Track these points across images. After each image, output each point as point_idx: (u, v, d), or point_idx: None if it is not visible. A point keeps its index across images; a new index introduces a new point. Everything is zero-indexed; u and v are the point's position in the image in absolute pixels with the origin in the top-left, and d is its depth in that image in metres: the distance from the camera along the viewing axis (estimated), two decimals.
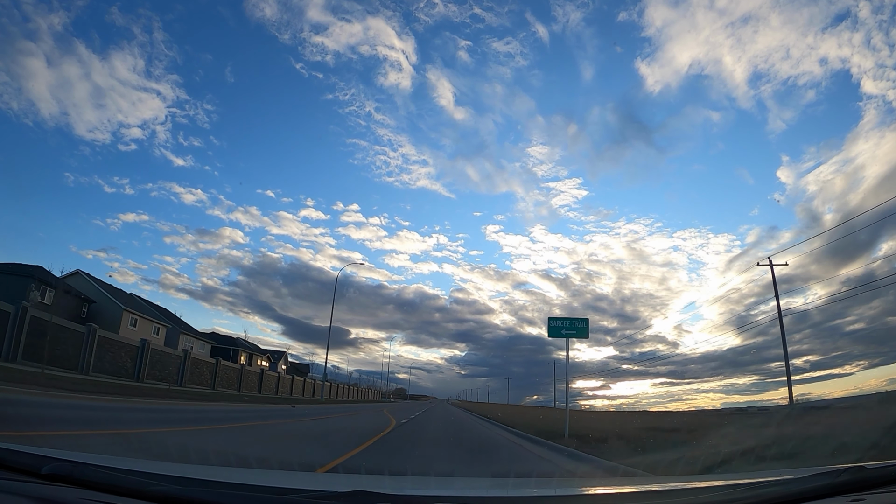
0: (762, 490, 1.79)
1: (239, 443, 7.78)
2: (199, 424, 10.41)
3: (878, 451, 5.78)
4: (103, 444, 5.83)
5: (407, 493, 1.99)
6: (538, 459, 8.72)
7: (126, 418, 10.31)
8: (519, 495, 2.27)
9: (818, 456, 6.11)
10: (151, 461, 2.70)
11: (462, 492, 2.34)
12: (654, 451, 8.31)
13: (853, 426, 8.75)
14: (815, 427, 9.64)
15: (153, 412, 12.88)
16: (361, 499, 1.56)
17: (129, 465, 1.84)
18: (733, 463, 6.01)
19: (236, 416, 14.67)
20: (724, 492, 1.93)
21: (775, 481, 1.86)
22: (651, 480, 3.82)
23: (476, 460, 8.01)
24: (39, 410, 9.28)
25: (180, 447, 6.11)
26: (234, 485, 1.80)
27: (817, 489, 1.66)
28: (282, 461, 5.31)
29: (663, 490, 2.25)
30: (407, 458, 7.59)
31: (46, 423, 7.36)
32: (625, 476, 5.74)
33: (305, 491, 1.69)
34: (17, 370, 16.27)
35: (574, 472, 6.95)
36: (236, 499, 1.54)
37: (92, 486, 1.50)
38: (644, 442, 9.84)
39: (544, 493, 2.41)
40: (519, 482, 2.98)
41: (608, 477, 5.85)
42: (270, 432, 10.16)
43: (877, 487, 1.65)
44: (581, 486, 2.81)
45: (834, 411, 17.04)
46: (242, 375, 40.06)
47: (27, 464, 1.58)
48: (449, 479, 4.66)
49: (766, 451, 6.40)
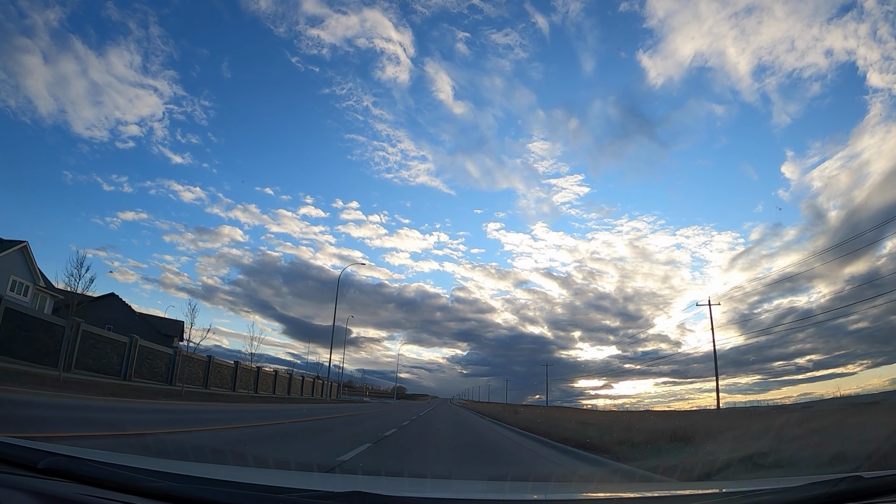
0: (759, 499, 1.79)
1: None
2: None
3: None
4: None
5: (403, 494, 1.99)
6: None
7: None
8: (516, 498, 2.27)
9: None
10: (148, 457, 2.70)
11: (459, 494, 2.33)
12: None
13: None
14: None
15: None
16: (358, 499, 1.56)
17: (126, 461, 1.84)
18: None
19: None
20: (720, 499, 1.93)
21: (772, 490, 1.85)
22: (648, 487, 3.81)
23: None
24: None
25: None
26: (230, 482, 1.80)
27: (815, 498, 1.66)
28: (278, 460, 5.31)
29: (660, 497, 2.24)
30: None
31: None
32: (624, 481, 5.72)
33: (302, 490, 1.69)
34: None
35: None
36: (233, 496, 1.54)
37: (88, 481, 1.51)
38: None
39: (541, 497, 2.41)
40: (516, 485, 2.98)
41: (606, 482, 5.83)
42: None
43: (875, 497, 1.65)
44: (578, 491, 2.80)
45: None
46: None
47: (24, 458, 1.59)
48: (446, 481, 4.65)
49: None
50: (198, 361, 31.73)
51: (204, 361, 32.53)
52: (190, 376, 30.38)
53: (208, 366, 33.13)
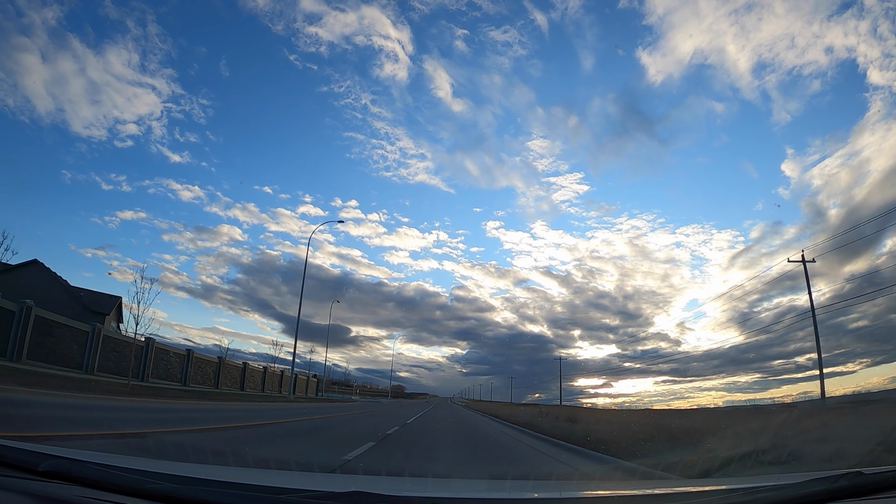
0: (760, 495, 1.79)
1: None
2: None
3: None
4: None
5: (405, 493, 1.99)
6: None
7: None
8: (517, 497, 2.27)
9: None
10: (149, 459, 2.70)
11: (460, 493, 2.34)
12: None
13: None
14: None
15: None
16: (359, 499, 1.56)
17: (126, 463, 1.84)
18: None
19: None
20: (721, 496, 1.93)
21: (773, 486, 1.85)
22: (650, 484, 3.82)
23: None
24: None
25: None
26: (231, 484, 1.80)
27: (815, 494, 1.66)
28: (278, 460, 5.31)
29: (661, 494, 2.24)
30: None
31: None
32: (625, 479, 5.73)
33: (303, 491, 1.69)
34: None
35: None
36: (234, 498, 1.54)
37: (90, 483, 1.51)
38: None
39: (542, 496, 2.41)
40: (517, 484, 2.98)
41: (607, 479, 5.84)
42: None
43: (875, 493, 1.65)
44: (579, 489, 2.81)
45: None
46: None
47: (25, 461, 1.58)
48: (447, 480, 4.66)
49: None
50: (125, 344, 24.27)
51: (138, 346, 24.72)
52: (117, 364, 23.97)
53: (147, 351, 26.44)
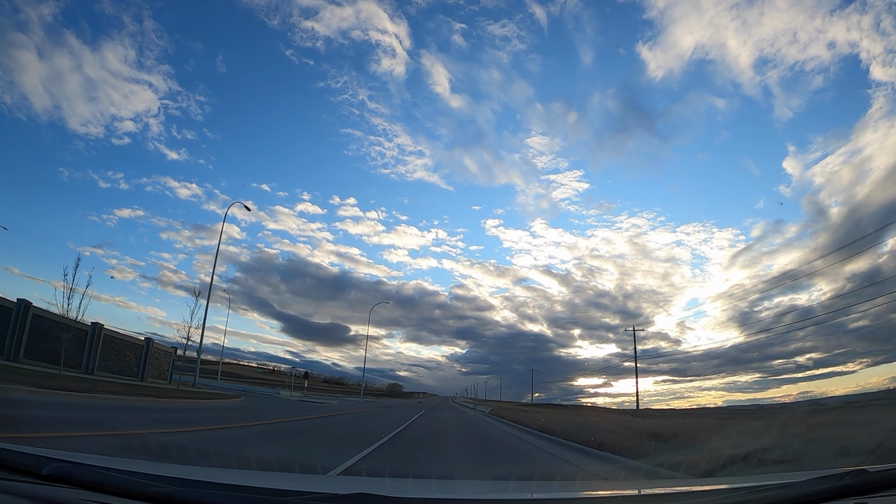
0: (764, 493, 1.79)
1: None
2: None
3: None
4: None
5: (408, 495, 1.99)
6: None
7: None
8: (520, 498, 2.27)
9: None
10: (151, 462, 2.70)
11: (464, 494, 2.33)
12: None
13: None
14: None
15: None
16: (363, 501, 1.55)
17: (129, 467, 1.84)
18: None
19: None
20: (726, 495, 1.93)
21: (777, 485, 1.85)
22: (653, 483, 3.81)
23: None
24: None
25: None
26: (235, 486, 1.80)
27: (820, 492, 1.66)
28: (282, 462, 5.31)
29: (665, 493, 2.24)
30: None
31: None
32: (628, 479, 5.72)
33: (306, 493, 1.69)
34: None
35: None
36: (237, 500, 1.54)
37: (92, 486, 1.50)
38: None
39: (545, 496, 2.41)
40: (520, 485, 2.98)
41: (610, 480, 5.83)
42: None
43: (879, 491, 1.65)
44: (582, 490, 2.80)
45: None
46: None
47: (27, 464, 1.58)
48: (450, 481, 4.66)
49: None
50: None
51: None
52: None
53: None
